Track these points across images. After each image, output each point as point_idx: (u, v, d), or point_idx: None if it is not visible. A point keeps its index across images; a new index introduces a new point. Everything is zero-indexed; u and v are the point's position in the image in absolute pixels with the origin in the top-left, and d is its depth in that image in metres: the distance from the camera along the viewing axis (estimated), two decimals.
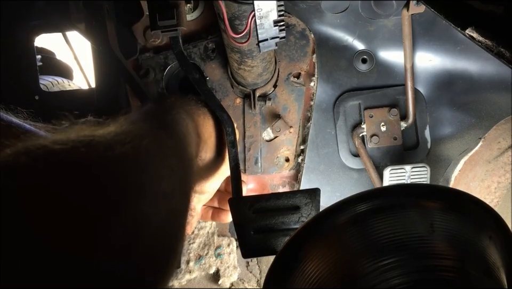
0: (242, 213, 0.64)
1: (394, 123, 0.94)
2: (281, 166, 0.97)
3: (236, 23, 0.63)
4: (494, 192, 0.95)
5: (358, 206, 0.41)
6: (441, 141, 0.96)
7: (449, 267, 0.38)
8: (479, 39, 0.46)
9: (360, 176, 0.98)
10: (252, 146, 0.95)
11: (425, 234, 0.39)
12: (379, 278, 0.37)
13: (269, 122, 0.96)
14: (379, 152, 0.96)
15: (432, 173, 0.94)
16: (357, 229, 0.41)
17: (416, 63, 0.94)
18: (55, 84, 1.48)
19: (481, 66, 0.92)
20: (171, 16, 0.70)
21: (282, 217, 0.64)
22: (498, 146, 0.93)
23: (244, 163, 0.95)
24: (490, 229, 0.42)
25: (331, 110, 0.97)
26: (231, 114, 0.77)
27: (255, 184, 1.00)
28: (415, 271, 0.37)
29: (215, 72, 0.95)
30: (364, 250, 0.39)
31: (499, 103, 0.91)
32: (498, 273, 0.40)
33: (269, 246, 0.64)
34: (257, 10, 0.61)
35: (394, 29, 0.93)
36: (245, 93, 0.93)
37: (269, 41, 0.66)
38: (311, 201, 0.64)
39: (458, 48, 0.92)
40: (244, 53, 0.72)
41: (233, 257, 1.00)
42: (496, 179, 0.94)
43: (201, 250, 1.00)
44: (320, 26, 0.94)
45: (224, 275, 1.00)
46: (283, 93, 0.96)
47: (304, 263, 0.42)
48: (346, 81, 0.97)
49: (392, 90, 0.96)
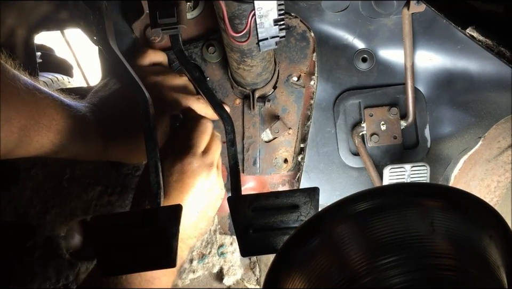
0: (242, 212, 0.64)
1: (394, 122, 0.94)
2: (279, 167, 0.97)
3: (236, 22, 0.63)
4: (493, 191, 0.95)
5: (358, 204, 0.41)
6: (441, 140, 0.96)
7: (449, 266, 0.38)
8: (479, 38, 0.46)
9: (360, 175, 0.98)
10: (250, 146, 0.95)
11: (426, 233, 0.39)
12: (379, 277, 0.37)
13: (268, 123, 0.96)
14: (379, 151, 0.96)
15: (432, 172, 0.94)
16: (356, 228, 0.41)
17: (416, 62, 0.94)
18: (55, 81, 1.48)
19: (481, 65, 0.92)
20: (171, 14, 0.70)
21: (281, 216, 0.64)
22: (498, 146, 0.93)
23: (242, 163, 0.95)
24: (490, 228, 0.42)
25: (331, 109, 0.97)
26: (231, 115, 0.77)
27: (254, 183, 1.00)
28: (415, 270, 0.37)
29: (216, 73, 0.95)
30: (364, 249, 0.39)
31: (499, 102, 0.91)
32: (499, 272, 0.40)
33: (268, 245, 0.64)
34: (257, 9, 0.61)
35: (394, 28, 0.93)
36: (244, 93, 0.93)
37: (269, 40, 0.66)
38: (310, 200, 0.64)
39: (458, 48, 0.92)
40: (243, 52, 0.72)
41: (236, 256, 1.00)
42: (496, 178, 0.94)
43: (204, 249, 1.00)
44: (321, 25, 0.94)
45: (227, 274, 1.00)
46: (282, 94, 0.95)
47: (304, 262, 0.42)
48: (347, 80, 0.97)
49: (392, 89, 0.96)
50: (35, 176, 0.95)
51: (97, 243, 0.60)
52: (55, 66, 1.69)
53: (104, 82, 0.87)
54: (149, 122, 0.68)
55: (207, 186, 0.73)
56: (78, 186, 0.96)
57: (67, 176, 0.95)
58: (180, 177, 0.71)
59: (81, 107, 0.79)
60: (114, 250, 0.59)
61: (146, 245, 0.60)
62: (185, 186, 0.71)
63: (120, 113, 0.81)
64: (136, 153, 0.83)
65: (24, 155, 0.73)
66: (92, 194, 0.96)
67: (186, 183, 0.71)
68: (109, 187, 0.96)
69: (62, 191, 0.96)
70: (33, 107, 0.70)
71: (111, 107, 0.81)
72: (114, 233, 0.60)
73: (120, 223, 0.61)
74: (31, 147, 0.71)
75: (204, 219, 0.75)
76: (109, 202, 0.96)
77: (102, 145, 0.80)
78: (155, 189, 0.65)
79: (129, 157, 0.87)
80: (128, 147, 0.82)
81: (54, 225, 0.95)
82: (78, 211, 0.96)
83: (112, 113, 0.81)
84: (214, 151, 0.77)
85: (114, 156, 0.84)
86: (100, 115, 0.80)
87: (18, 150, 0.71)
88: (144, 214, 0.62)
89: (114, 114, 0.81)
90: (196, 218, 0.73)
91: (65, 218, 0.96)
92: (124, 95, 0.82)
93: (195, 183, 0.72)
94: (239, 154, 0.95)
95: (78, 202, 0.95)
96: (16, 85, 0.67)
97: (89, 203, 0.96)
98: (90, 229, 0.96)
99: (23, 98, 0.68)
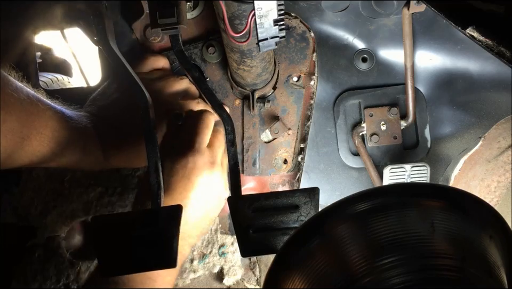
0: (241, 212, 0.64)
1: (394, 122, 0.94)
2: (279, 168, 0.97)
3: (236, 23, 0.63)
4: (493, 192, 0.95)
5: (358, 205, 0.41)
6: (441, 140, 0.96)
7: (449, 266, 0.37)
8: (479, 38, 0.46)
9: (360, 175, 0.98)
10: (250, 147, 0.95)
11: (426, 234, 0.39)
12: (379, 277, 0.37)
13: (268, 124, 0.96)
14: (379, 151, 0.96)
15: (432, 172, 0.94)
16: (357, 228, 0.41)
17: (416, 62, 0.94)
18: (55, 81, 1.48)
19: (481, 65, 0.92)
20: (171, 14, 0.70)
21: (281, 216, 0.64)
22: (498, 146, 0.93)
23: (242, 164, 0.95)
24: (491, 228, 0.42)
25: (331, 109, 0.97)
26: (230, 115, 0.77)
27: (254, 183, 1.00)
28: (415, 270, 0.37)
29: (215, 73, 0.95)
30: (364, 249, 0.39)
31: (499, 102, 0.91)
32: (499, 273, 0.40)
33: (268, 245, 0.64)
34: (257, 10, 0.61)
35: (394, 28, 0.93)
36: (244, 94, 0.93)
37: (269, 41, 0.66)
38: (310, 200, 0.64)
39: (458, 47, 0.92)
40: (243, 53, 0.72)
41: (237, 256, 1.00)
42: (496, 178, 0.94)
43: (205, 248, 1.00)
44: (321, 25, 0.94)
45: (228, 274, 1.00)
46: (282, 95, 0.95)
47: (304, 262, 0.42)
48: (347, 80, 0.97)
49: (392, 89, 0.96)
50: (36, 177, 0.95)
51: (97, 244, 0.60)
52: (55, 66, 1.69)
53: (103, 90, 0.88)
54: (149, 123, 0.68)
55: (210, 184, 0.73)
56: (79, 187, 0.96)
57: (68, 178, 0.96)
58: (184, 174, 0.70)
59: (81, 118, 0.80)
60: (115, 250, 0.60)
61: (147, 245, 0.60)
62: (189, 183, 0.71)
63: (120, 122, 0.82)
64: (136, 159, 0.85)
65: (25, 164, 0.75)
66: (92, 195, 0.96)
67: (191, 180, 0.71)
68: (109, 188, 0.96)
69: (63, 192, 0.96)
70: (35, 119, 0.71)
71: (110, 117, 0.83)
72: (115, 233, 0.60)
73: (121, 223, 0.61)
74: (32, 157, 0.73)
75: (206, 218, 0.75)
76: (110, 203, 0.96)
77: (103, 155, 0.82)
78: (155, 189, 0.65)
79: (130, 164, 0.89)
80: (129, 155, 0.83)
81: (55, 226, 0.95)
82: (78, 212, 0.96)
83: (111, 122, 0.82)
84: (217, 147, 0.77)
85: (115, 164, 0.86)
86: (100, 126, 0.81)
87: (20, 159, 0.72)
88: (144, 214, 0.62)
89: (114, 124, 0.82)
90: (199, 216, 0.73)
91: (66, 219, 0.96)
92: (123, 104, 0.83)
93: (199, 180, 0.71)
94: (239, 154, 0.95)
95: (79, 203, 0.96)
96: (19, 97, 0.69)
97: (90, 204, 0.96)
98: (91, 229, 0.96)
99: (26, 110, 0.70)
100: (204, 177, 0.72)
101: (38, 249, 0.95)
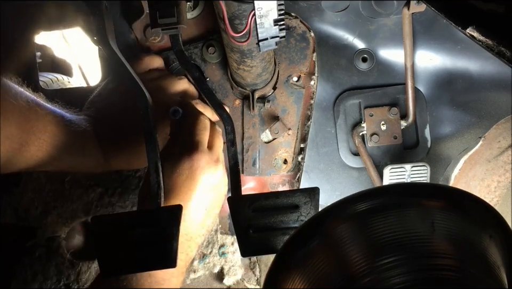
0: (242, 212, 0.64)
1: (395, 122, 0.94)
2: (279, 168, 0.97)
3: (236, 23, 0.63)
4: (494, 191, 0.95)
5: (358, 204, 0.41)
6: (441, 140, 0.96)
7: (449, 266, 0.37)
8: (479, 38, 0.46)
9: (360, 175, 0.98)
10: (250, 147, 0.95)
11: (426, 234, 0.39)
12: (379, 277, 0.37)
13: (268, 124, 0.96)
14: (379, 151, 0.96)
15: (432, 172, 0.94)
16: (357, 228, 0.41)
17: (416, 62, 0.94)
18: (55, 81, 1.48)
19: (481, 65, 0.92)
20: (171, 14, 0.70)
21: (281, 216, 0.64)
22: (498, 146, 0.93)
23: (242, 164, 0.95)
24: (491, 228, 0.42)
25: (331, 109, 0.97)
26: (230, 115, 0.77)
27: (254, 183, 1.00)
28: (415, 270, 0.37)
29: (215, 73, 0.95)
30: (364, 249, 0.39)
31: (499, 102, 0.91)
32: (499, 272, 0.40)
33: (268, 245, 0.64)
34: (257, 10, 0.61)
35: (394, 27, 0.93)
36: (244, 94, 0.93)
37: (269, 41, 0.66)
38: (310, 200, 0.64)
39: (458, 47, 0.92)
40: (243, 53, 0.72)
41: (237, 256, 1.00)
42: (496, 178, 0.94)
43: (205, 249, 1.00)
44: (321, 24, 0.94)
45: (228, 274, 1.00)
46: (282, 95, 0.95)
47: (304, 262, 0.42)
48: (347, 80, 0.97)
49: (392, 89, 0.96)
50: (36, 178, 0.95)
51: (97, 244, 0.60)
52: (55, 66, 1.69)
53: (99, 92, 0.88)
54: (149, 123, 0.68)
55: (214, 182, 0.73)
56: (79, 188, 0.96)
57: (68, 178, 0.96)
58: (189, 175, 0.70)
59: (81, 121, 0.80)
60: (115, 251, 0.60)
61: (147, 245, 0.60)
62: (194, 183, 0.71)
63: (119, 124, 0.82)
64: (136, 160, 0.85)
65: (24, 169, 0.75)
66: (92, 196, 0.96)
67: (196, 180, 0.71)
68: (109, 189, 0.96)
69: (63, 193, 0.96)
70: (34, 124, 0.72)
71: (109, 119, 0.83)
72: (115, 233, 0.60)
73: (121, 223, 0.61)
74: (31, 162, 0.74)
75: (210, 216, 0.75)
76: (110, 203, 0.96)
77: (103, 158, 0.82)
78: (155, 189, 0.65)
79: (130, 165, 0.89)
80: (129, 157, 0.83)
81: (55, 226, 0.95)
82: (79, 213, 0.96)
83: (110, 124, 0.82)
84: (218, 147, 0.77)
85: (115, 166, 0.86)
86: (99, 128, 0.81)
87: (19, 164, 0.73)
88: (144, 214, 0.62)
89: (113, 125, 0.82)
90: (204, 215, 0.73)
91: (66, 219, 0.96)
92: (121, 105, 0.83)
93: (203, 180, 0.71)
94: (239, 154, 0.95)
95: (79, 203, 0.96)
96: (18, 103, 0.69)
97: (90, 205, 0.96)
98: (91, 229, 0.96)
99: (25, 116, 0.71)
100: (208, 176, 0.72)
101: (38, 249, 0.95)
